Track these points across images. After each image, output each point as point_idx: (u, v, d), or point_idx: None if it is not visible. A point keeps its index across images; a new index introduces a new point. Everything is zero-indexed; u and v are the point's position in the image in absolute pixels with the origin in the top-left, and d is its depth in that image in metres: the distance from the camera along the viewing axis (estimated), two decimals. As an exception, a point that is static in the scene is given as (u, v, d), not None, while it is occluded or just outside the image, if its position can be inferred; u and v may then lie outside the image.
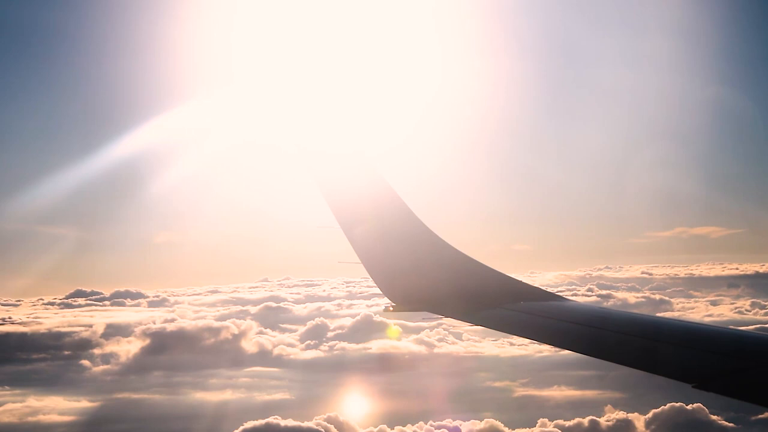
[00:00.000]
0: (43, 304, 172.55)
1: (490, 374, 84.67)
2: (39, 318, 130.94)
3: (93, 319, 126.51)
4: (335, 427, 56.40)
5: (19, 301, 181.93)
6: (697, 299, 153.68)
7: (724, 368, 6.82)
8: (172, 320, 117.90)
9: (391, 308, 9.96)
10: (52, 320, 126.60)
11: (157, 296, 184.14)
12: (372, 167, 10.32)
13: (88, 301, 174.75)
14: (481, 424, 57.94)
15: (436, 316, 9.94)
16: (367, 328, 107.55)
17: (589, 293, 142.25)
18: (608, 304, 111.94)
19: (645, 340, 7.94)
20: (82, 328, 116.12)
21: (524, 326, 9.20)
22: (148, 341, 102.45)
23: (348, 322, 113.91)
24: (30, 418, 68.35)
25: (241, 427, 54.81)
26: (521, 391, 78.58)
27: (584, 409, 65.67)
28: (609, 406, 66.72)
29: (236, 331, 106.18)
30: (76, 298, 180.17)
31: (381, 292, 10.12)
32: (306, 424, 56.31)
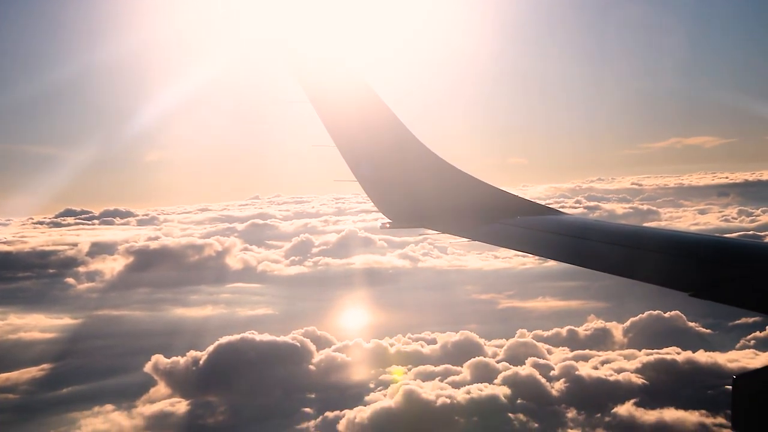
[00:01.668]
0: (33, 223, 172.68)
1: (475, 287, 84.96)
2: (25, 237, 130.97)
3: (79, 238, 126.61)
4: (311, 341, 56.55)
5: (8, 220, 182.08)
6: (686, 209, 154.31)
7: (718, 276, 6.87)
8: (156, 238, 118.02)
9: (388, 225, 9.91)
10: (37, 239, 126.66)
11: (147, 215, 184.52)
12: (365, 82, 10.18)
13: (78, 220, 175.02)
14: (457, 336, 58.05)
15: (432, 231, 10.03)
16: (351, 244, 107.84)
17: (577, 205, 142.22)
18: (595, 215, 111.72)
19: (641, 250, 8.01)
20: (68, 247, 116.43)
21: (523, 240, 9.18)
22: (131, 259, 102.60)
23: (333, 238, 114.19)
24: (11, 336, 68.66)
25: (216, 342, 54.95)
26: (506, 303, 78.87)
27: (568, 319, 65.95)
28: (592, 315, 66.89)
29: (220, 249, 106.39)
30: (65, 217, 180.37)
31: (370, 209, 10.15)
32: (282, 338, 56.45)
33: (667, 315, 62.37)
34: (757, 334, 57.68)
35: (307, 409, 46.45)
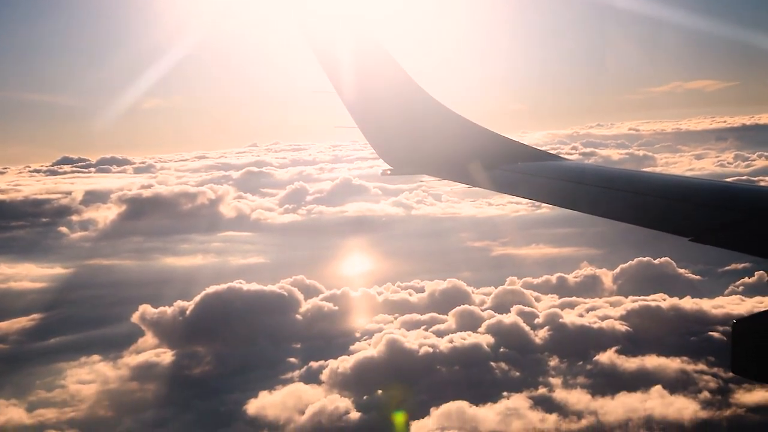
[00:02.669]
0: (29, 171, 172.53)
1: (468, 234, 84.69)
2: (19, 185, 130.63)
3: (74, 186, 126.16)
4: (300, 290, 56.35)
5: (5, 168, 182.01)
6: (682, 154, 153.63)
7: (719, 220, 6.87)
8: (150, 186, 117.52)
9: (388, 172, 9.93)
10: (32, 188, 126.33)
11: (143, 162, 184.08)
12: (367, 29, 10.14)
13: (74, 168, 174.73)
14: (445, 284, 57.88)
15: (432, 178, 10.01)
16: (345, 192, 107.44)
17: (573, 151, 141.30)
18: (590, 162, 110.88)
19: (642, 195, 8.03)
20: (62, 196, 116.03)
21: (524, 186, 9.26)
22: (124, 207, 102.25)
23: (328, 186, 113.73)
24: (1, 285, 68.80)
25: (203, 292, 54.75)
26: (499, 251, 78.68)
27: (561, 266, 65.62)
28: (585, 262, 66.62)
29: (213, 197, 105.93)
30: (62, 165, 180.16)
31: (367, 156, 9.87)
32: (270, 287, 56.21)
33: (656, 261, 62.05)
34: (746, 280, 57.52)
35: (293, 359, 46.55)
